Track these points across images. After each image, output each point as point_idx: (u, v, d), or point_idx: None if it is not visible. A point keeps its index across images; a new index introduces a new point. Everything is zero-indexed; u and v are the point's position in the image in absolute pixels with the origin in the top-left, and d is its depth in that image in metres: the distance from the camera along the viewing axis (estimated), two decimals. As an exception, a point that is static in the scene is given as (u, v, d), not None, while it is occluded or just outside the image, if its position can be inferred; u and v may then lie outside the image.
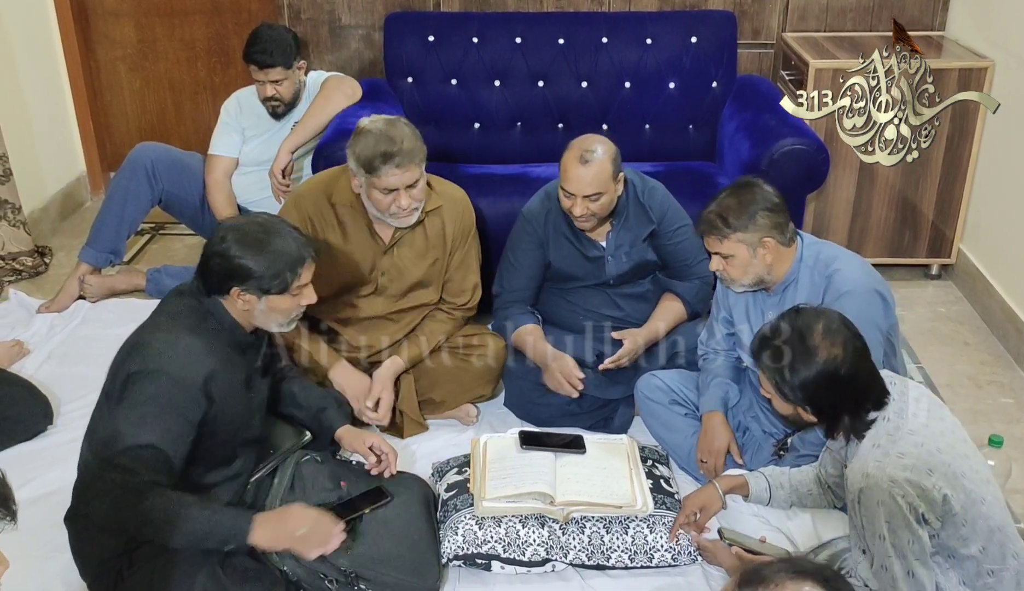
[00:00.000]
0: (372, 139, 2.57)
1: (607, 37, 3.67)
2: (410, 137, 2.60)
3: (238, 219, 2.20)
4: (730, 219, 2.34)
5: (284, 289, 2.14)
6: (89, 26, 4.40)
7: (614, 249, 2.86)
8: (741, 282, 2.43)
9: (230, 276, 2.10)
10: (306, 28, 3.95)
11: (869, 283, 2.36)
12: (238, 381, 2.18)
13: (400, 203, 2.62)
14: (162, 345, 2.06)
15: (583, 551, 2.31)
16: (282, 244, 2.12)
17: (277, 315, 2.18)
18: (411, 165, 2.58)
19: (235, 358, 2.18)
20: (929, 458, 1.84)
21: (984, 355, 3.35)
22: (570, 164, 2.67)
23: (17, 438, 2.77)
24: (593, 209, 2.70)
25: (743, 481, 2.34)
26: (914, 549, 1.83)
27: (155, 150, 3.58)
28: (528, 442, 2.56)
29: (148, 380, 2.01)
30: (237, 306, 2.14)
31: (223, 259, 2.10)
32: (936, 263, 3.82)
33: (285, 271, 2.12)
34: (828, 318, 1.93)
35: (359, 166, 2.60)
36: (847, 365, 1.88)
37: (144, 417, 1.99)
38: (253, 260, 2.09)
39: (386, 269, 2.79)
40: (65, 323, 3.39)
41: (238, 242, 2.10)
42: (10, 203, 3.71)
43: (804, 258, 2.42)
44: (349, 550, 2.18)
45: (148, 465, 1.97)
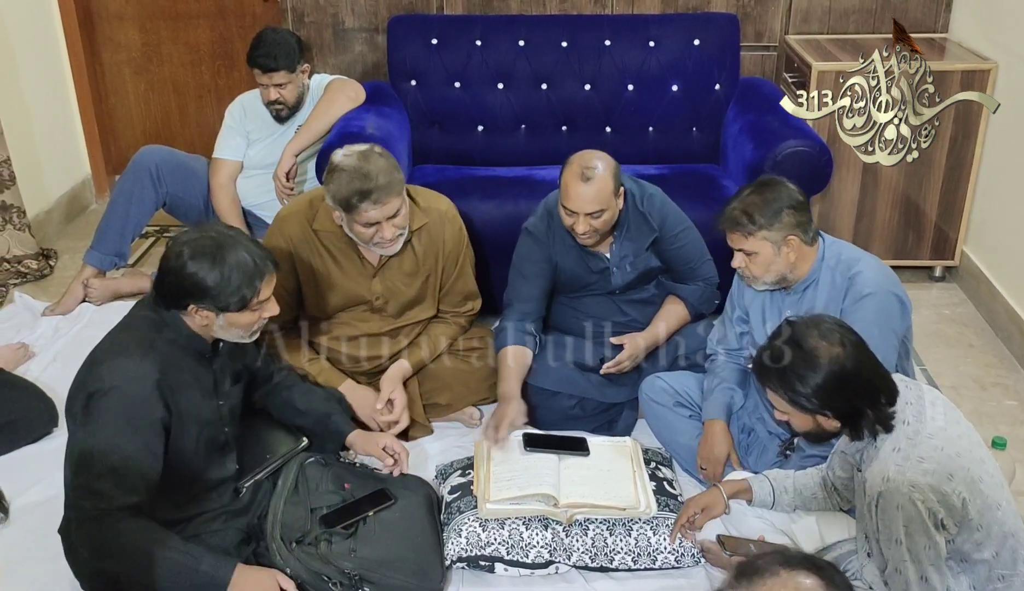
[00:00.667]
0: (346, 177, 2.51)
1: (610, 40, 3.68)
2: (385, 170, 2.53)
3: (192, 232, 2.10)
4: (756, 216, 2.34)
5: (243, 306, 2.08)
6: (94, 30, 4.41)
7: (618, 260, 2.85)
8: (763, 280, 2.43)
9: (185, 293, 2.04)
10: (310, 31, 3.95)
11: (889, 286, 2.37)
12: (200, 389, 2.15)
13: (383, 234, 2.58)
14: (112, 361, 2.02)
15: (587, 553, 2.31)
16: (238, 258, 2.04)
17: (238, 329, 2.13)
18: (389, 198, 2.53)
19: (194, 367, 2.14)
20: (949, 462, 1.84)
21: (988, 357, 3.35)
22: (571, 182, 2.62)
23: (22, 441, 2.77)
24: (595, 225, 2.67)
25: (747, 485, 2.34)
26: (930, 554, 1.82)
27: (159, 153, 3.59)
28: (532, 444, 2.57)
29: (104, 398, 1.98)
30: (196, 321, 2.09)
31: (177, 276, 2.03)
32: (940, 265, 3.82)
33: (243, 287, 2.05)
34: (819, 321, 1.93)
35: (336, 204, 2.55)
36: (851, 360, 1.87)
37: (110, 434, 1.97)
38: (208, 277, 2.02)
39: (379, 292, 2.77)
40: (70, 326, 3.40)
41: (192, 258, 2.02)
42: (15, 207, 3.72)
43: (826, 258, 2.42)
44: (353, 553, 2.19)
45: (123, 484, 1.96)
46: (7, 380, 2.89)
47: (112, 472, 1.95)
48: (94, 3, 4.37)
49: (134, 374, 2.01)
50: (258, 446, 2.45)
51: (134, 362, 2.02)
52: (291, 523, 2.26)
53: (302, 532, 2.24)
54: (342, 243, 2.72)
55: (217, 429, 2.22)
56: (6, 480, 2.63)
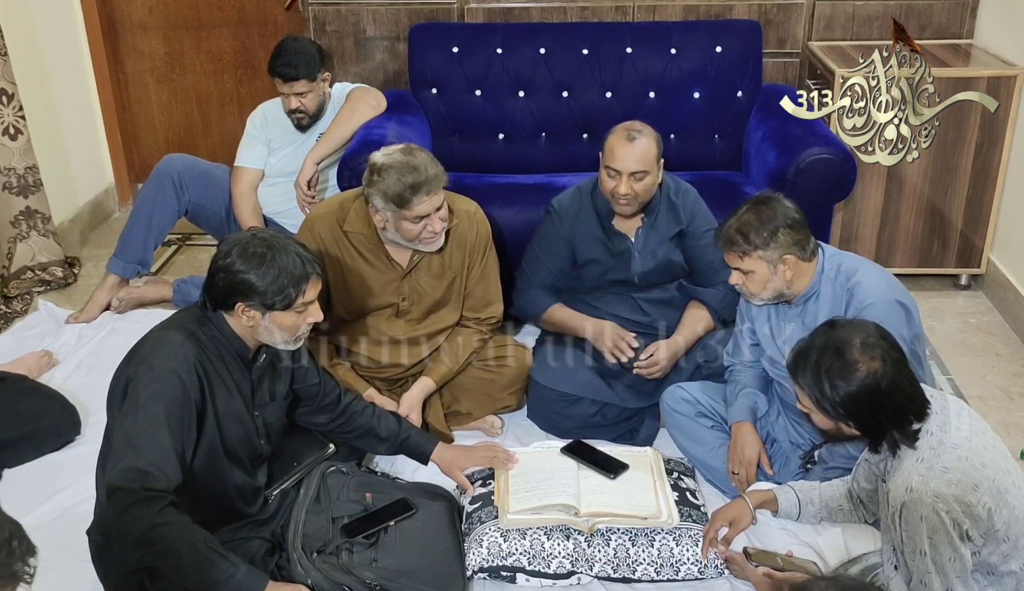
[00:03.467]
0: (395, 173, 2.54)
1: (631, 47, 3.67)
2: (430, 162, 2.59)
3: (242, 235, 2.17)
4: (751, 236, 2.33)
5: (288, 305, 2.10)
6: (118, 39, 4.44)
7: (642, 245, 2.87)
8: (760, 296, 2.42)
9: (233, 291, 2.08)
10: (331, 40, 3.97)
11: (890, 294, 2.34)
12: (236, 391, 2.17)
13: (433, 227, 2.61)
14: (151, 348, 2.08)
15: (608, 564, 2.30)
16: (286, 260, 2.09)
17: (282, 332, 2.15)
18: (438, 189, 2.58)
19: (233, 366, 2.17)
20: (974, 473, 1.81)
21: (1016, 366, 3.30)
22: (617, 142, 2.71)
23: (46, 448, 2.79)
24: (637, 189, 2.72)
25: (772, 496, 2.32)
26: (955, 566, 1.79)
27: (182, 161, 3.61)
28: (570, 450, 2.56)
29: (144, 374, 2.02)
30: (242, 322, 2.12)
31: (227, 274, 2.08)
32: (965, 273, 3.78)
33: (289, 287, 2.08)
34: (865, 331, 1.89)
35: (387, 202, 2.56)
36: (888, 378, 1.84)
37: (152, 417, 1.99)
38: (256, 275, 2.06)
39: (406, 293, 2.78)
40: (93, 333, 3.42)
41: (242, 257, 2.07)
42: (40, 213, 3.75)
43: (825, 270, 2.41)
44: (374, 563, 2.18)
45: (166, 465, 1.96)
46: (31, 388, 2.91)
47: (158, 453, 1.97)
48: (118, 13, 4.40)
49: (173, 353, 2.05)
50: (284, 453, 2.45)
51: (174, 345, 2.07)
52: (312, 533, 2.25)
53: (323, 542, 2.23)
54: (372, 245, 2.73)
55: (253, 440, 2.23)
56: (30, 487, 2.64)
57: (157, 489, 1.94)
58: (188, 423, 2.05)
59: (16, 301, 3.66)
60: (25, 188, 3.69)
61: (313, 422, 2.49)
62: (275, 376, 2.29)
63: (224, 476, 2.18)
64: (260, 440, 2.26)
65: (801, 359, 1.93)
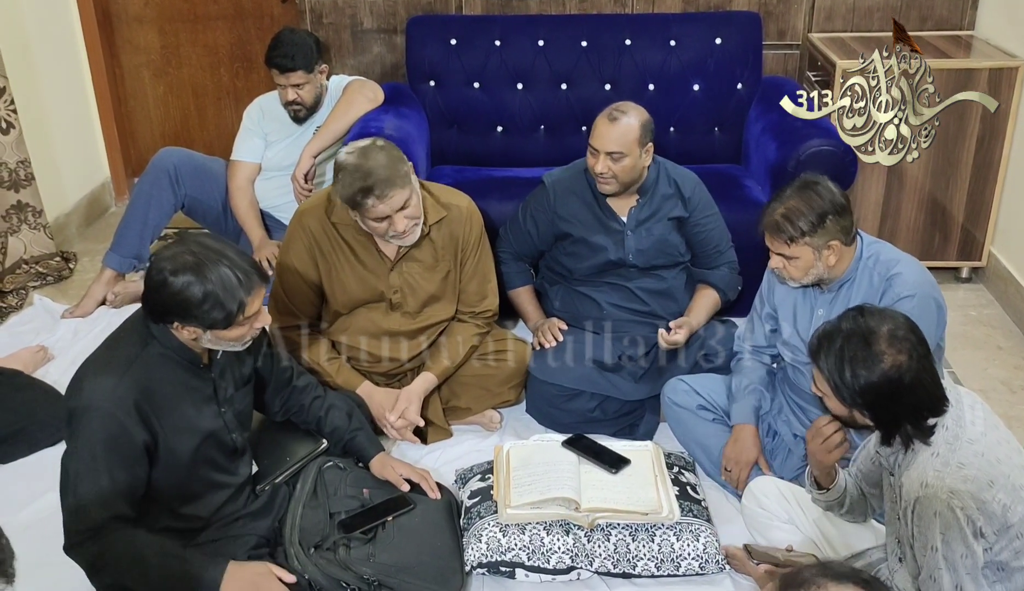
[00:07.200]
0: (348, 177, 2.50)
1: (630, 39, 3.64)
2: (385, 164, 2.50)
3: (174, 247, 1.99)
4: (800, 224, 2.28)
5: (229, 323, 1.98)
6: (113, 32, 4.42)
7: (635, 225, 2.88)
8: (800, 281, 2.39)
9: (168, 311, 1.96)
10: (328, 32, 3.94)
11: (928, 290, 2.32)
12: (196, 399, 2.10)
13: (396, 227, 2.56)
14: (93, 379, 1.98)
15: (608, 559, 2.28)
16: (221, 275, 1.94)
17: (228, 341, 2.06)
18: (393, 191, 2.50)
19: (187, 378, 2.08)
20: (990, 468, 1.79)
21: (1017, 359, 3.29)
22: (599, 121, 2.78)
23: (41, 444, 2.77)
24: (614, 170, 2.76)
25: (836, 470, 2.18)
26: (966, 563, 1.77)
27: (178, 155, 3.58)
28: (571, 444, 2.55)
29: (83, 419, 1.95)
30: (184, 335, 2.02)
31: (159, 294, 1.95)
32: (966, 266, 3.76)
33: (228, 304, 1.95)
34: (894, 322, 1.84)
35: (344, 204, 2.56)
36: (911, 373, 1.79)
37: (91, 458, 1.95)
38: (190, 294, 1.92)
39: (397, 286, 2.75)
40: (89, 328, 3.40)
41: (173, 274, 1.93)
42: (31, 206, 3.73)
43: (864, 257, 2.39)
44: (372, 558, 2.16)
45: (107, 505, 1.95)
46: (26, 383, 2.90)
47: (96, 493, 1.94)
48: (113, 6, 4.37)
49: (112, 395, 1.95)
50: (278, 449, 2.44)
51: (112, 382, 1.96)
52: (310, 528, 2.24)
53: (321, 537, 2.22)
54: (360, 236, 2.71)
55: (223, 436, 2.19)
56: (24, 483, 2.63)
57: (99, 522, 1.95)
58: (134, 458, 1.99)
59: (11, 296, 3.64)
60: (16, 182, 3.67)
61: (271, 410, 2.46)
62: (237, 362, 2.23)
63: (200, 482, 2.15)
64: (232, 435, 2.21)
65: (825, 341, 1.88)
